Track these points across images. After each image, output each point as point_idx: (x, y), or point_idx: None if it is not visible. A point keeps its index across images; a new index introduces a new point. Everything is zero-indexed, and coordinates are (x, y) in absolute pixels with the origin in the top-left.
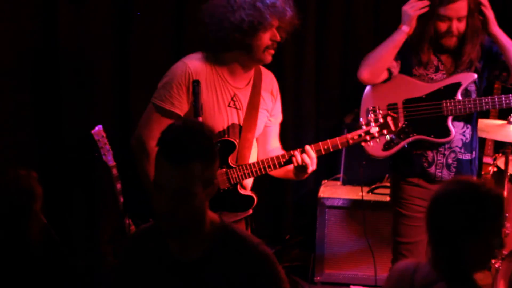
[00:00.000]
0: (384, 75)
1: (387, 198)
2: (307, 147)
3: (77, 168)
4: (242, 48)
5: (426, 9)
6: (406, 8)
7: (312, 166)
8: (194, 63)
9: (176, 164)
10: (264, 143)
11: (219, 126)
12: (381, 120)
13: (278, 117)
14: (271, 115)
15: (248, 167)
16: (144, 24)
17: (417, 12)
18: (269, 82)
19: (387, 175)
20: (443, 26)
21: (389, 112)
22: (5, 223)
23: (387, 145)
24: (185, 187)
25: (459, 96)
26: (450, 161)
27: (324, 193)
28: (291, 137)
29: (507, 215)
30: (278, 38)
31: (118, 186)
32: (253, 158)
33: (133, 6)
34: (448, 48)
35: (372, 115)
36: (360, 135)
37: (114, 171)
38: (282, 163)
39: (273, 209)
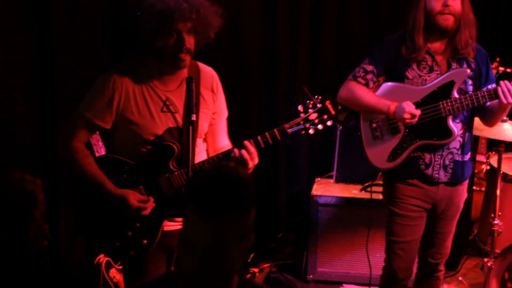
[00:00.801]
0: None
1: (380, 196)
2: (246, 142)
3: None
4: (152, 53)
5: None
6: (404, 117)
7: (252, 161)
8: (119, 73)
9: (211, 217)
10: (213, 142)
11: (154, 132)
12: (319, 105)
13: (223, 113)
14: (214, 113)
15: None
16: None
17: (410, 122)
18: (208, 79)
19: (380, 173)
20: (437, 4)
21: (327, 95)
22: (4, 222)
23: (392, 156)
24: (219, 243)
25: (455, 95)
26: (447, 162)
27: (317, 191)
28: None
29: (500, 213)
30: (185, 43)
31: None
32: (201, 158)
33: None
34: (446, 29)
35: (310, 101)
36: (298, 123)
37: None
38: (222, 159)
39: (266, 207)
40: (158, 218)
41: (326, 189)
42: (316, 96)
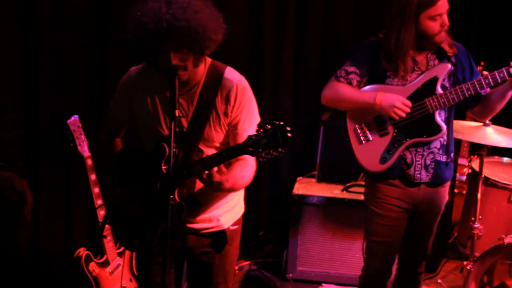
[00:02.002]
0: None
1: (362, 197)
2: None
3: (53, 158)
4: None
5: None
6: (395, 105)
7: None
8: (136, 72)
9: None
10: None
11: (159, 134)
12: (270, 131)
13: (243, 125)
14: (229, 123)
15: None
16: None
17: (397, 116)
18: (227, 87)
19: (362, 174)
20: (435, 25)
21: (281, 123)
22: None
23: (384, 158)
24: None
25: (439, 90)
26: (428, 162)
27: (298, 190)
28: None
29: (480, 217)
30: (171, 61)
31: (93, 176)
32: None
33: None
34: (440, 43)
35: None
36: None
37: (89, 161)
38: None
39: (247, 204)
40: (150, 219)
41: (308, 188)
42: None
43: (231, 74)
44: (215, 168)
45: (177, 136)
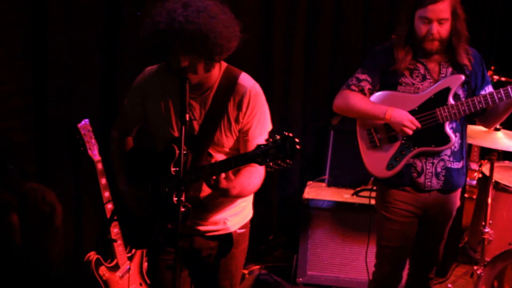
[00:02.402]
0: None
1: (372, 201)
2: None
3: (63, 162)
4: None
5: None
6: (404, 123)
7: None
8: (151, 72)
9: None
10: None
11: (170, 135)
12: (279, 141)
13: (254, 132)
14: (240, 129)
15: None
16: (134, 21)
17: (406, 132)
18: (240, 94)
19: (372, 178)
20: (423, 29)
21: (290, 135)
22: (27, 228)
23: (391, 164)
24: None
25: (451, 101)
26: (439, 169)
27: (308, 194)
28: None
29: (490, 221)
30: (180, 64)
31: (103, 181)
32: None
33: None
34: (431, 52)
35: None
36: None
37: (99, 165)
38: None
39: (257, 209)
40: (155, 216)
41: (317, 192)
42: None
43: (246, 80)
44: (223, 175)
45: (187, 139)
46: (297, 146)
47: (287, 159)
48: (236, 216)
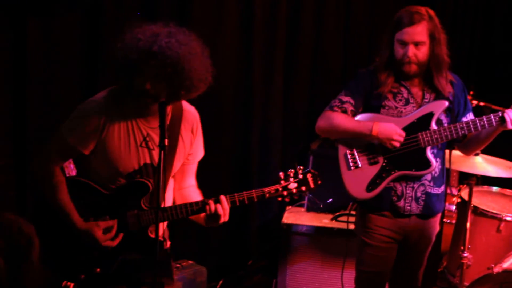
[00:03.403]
0: None
1: (351, 226)
2: (222, 198)
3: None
4: (125, 87)
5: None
6: (393, 138)
7: (224, 218)
8: (108, 100)
9: None
10: (180, 180)
11: (130, 166)
12: (300, 176)
13: (198, 155)
14: (189, 153)
15: (160, 211)
16: (116, 27)
17: (394, 145)
18: (190, 120)
19: (351, 203)
20: (401, 51)
21: (311, 170)
22: (2, 264)
23: (371, 186)
24: None
25: (433, 126)
26: (419, 194)
27: (288, 219)
28: (257, 162)
29: (469, 246)
30: (146, 86)
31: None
32: (170, 198)
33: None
34: (408, 74)
35: (292, 170)
36: (277, 190)
37: None
38: (195, 210)
39: (237, 233)
40: (117, 251)
41: (297, 217)
42: (299, 167)
43: (188, 105)
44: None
45: (149, 171)
46: (319, 181)
47: (309, 190)
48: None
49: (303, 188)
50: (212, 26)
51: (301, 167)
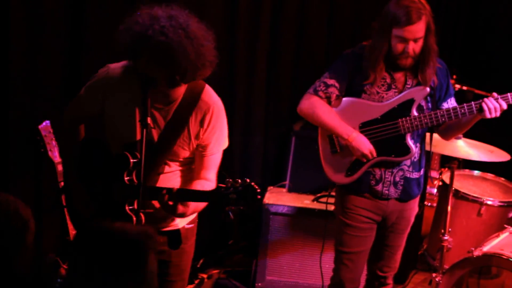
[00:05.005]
0: None
1: (332, 207)
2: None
3: (22, 164)
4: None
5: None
6: (364, 152)
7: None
8: (115, 70)
9: None
10: (198, 171)
11: (128, 138)
12: (240, 188)
13: (213, 149)
14: (199, 144)
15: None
16: (99, 18)
17: (361, 160)
18: (203, 110)
19: (332, 184)
20: (399, 47)
21: (252, 184)
22: None
23: (350, 171)
24: None
25: (414, 113)
26: (397, 179)
27: (269, 200)
28: (240, 143)
29: (450, 229)
30: (143, 69)
31: (63, 183)
32: (171, 182)
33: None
34: (404, 67)
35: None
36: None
37: (59, 167)
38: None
39: (217, 213)
40: (101, 216)
41: (278, 198)
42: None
43: (209, 95)
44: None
45: (146, 146)
46: (258, 196)
47: (247, 206)
48: None
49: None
50: (194, 14)
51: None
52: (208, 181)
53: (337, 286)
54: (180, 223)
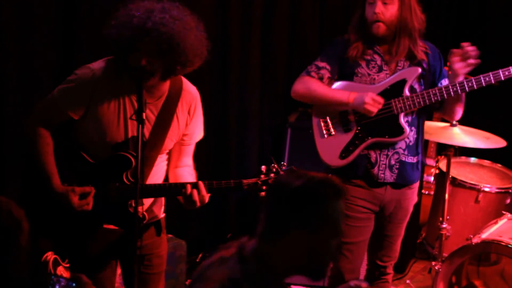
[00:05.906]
0: None
1: None
2: (200, 184)
3: (18, 165)
4: (120, 63)
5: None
6: (368, 102)
7: (201, 203)
8: (101, 70)
9: None
10: (176, 159)
11: (118, 137)
12: (281, 173)
13: (195, 136)
14: (185, 134)
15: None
16: (91, 16)
17: (369, 111)
18: (188, 100)
19: (329, 175)
20: (369, 11)
21: (293, 167)
22: None
23: (344, 153)
24: None
25: (406, 93)
26: (393, 162)
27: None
28: (235, 135)
29: (448, 217)
30: (142, 62)
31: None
32: (158, 175)
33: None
34: (377, 36)
35: (275, 165)
36: (256, 183)
37: None
38: (173, 191)
39: (216, 207)
40: (98, 221)
41: None
42: (282, 163)
43: (189, 85)
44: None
45: (136, 144)
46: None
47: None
48: (161, 204)
49: None
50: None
51: (285, 163)
52: (190, 167)
53: (336, 277)
54: (159, 214)
